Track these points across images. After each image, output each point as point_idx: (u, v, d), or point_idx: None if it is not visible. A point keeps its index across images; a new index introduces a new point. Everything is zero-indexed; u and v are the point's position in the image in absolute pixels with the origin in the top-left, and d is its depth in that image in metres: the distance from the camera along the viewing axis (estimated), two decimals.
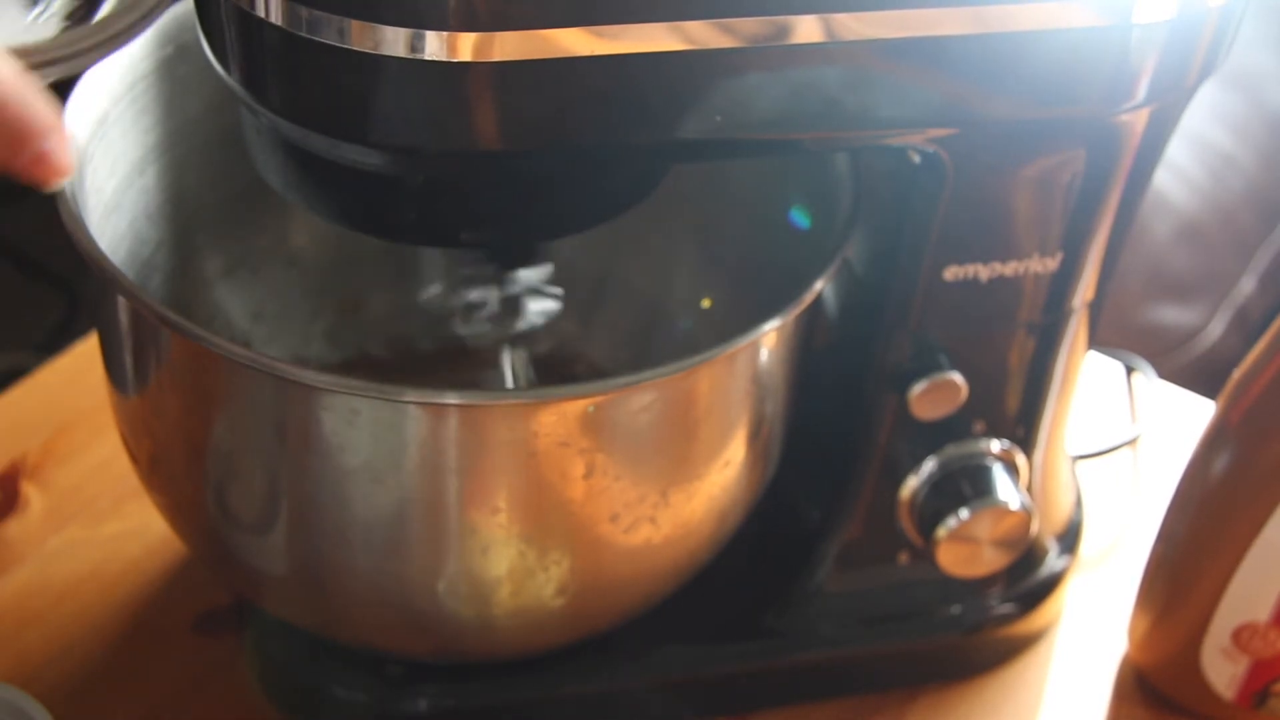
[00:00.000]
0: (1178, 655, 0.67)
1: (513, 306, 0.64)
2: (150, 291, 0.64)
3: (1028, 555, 0.68)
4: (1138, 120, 0.56)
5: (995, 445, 0.64)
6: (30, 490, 0.74)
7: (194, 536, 0.62)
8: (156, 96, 0.63)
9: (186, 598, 0.69)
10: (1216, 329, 1.18)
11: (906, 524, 0.65)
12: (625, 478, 0.55)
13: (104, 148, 0.60)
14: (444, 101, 0.48)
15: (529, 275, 0.62)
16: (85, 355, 0.80)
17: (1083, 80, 0.53)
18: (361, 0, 0.46)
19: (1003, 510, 0.62)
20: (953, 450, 0.63)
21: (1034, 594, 0.69)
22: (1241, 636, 0.65)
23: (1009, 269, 0.59)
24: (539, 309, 0.64)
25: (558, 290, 0.63)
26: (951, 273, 0.59)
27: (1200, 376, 1.13)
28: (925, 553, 0.64)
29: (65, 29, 0.48)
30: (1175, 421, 0.81)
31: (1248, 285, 1.21)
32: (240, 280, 0.70)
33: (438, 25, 0.46)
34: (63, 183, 0.47)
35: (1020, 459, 0.64)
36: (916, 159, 0.56)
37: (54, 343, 0.85)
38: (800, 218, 0.65)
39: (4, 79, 0.44)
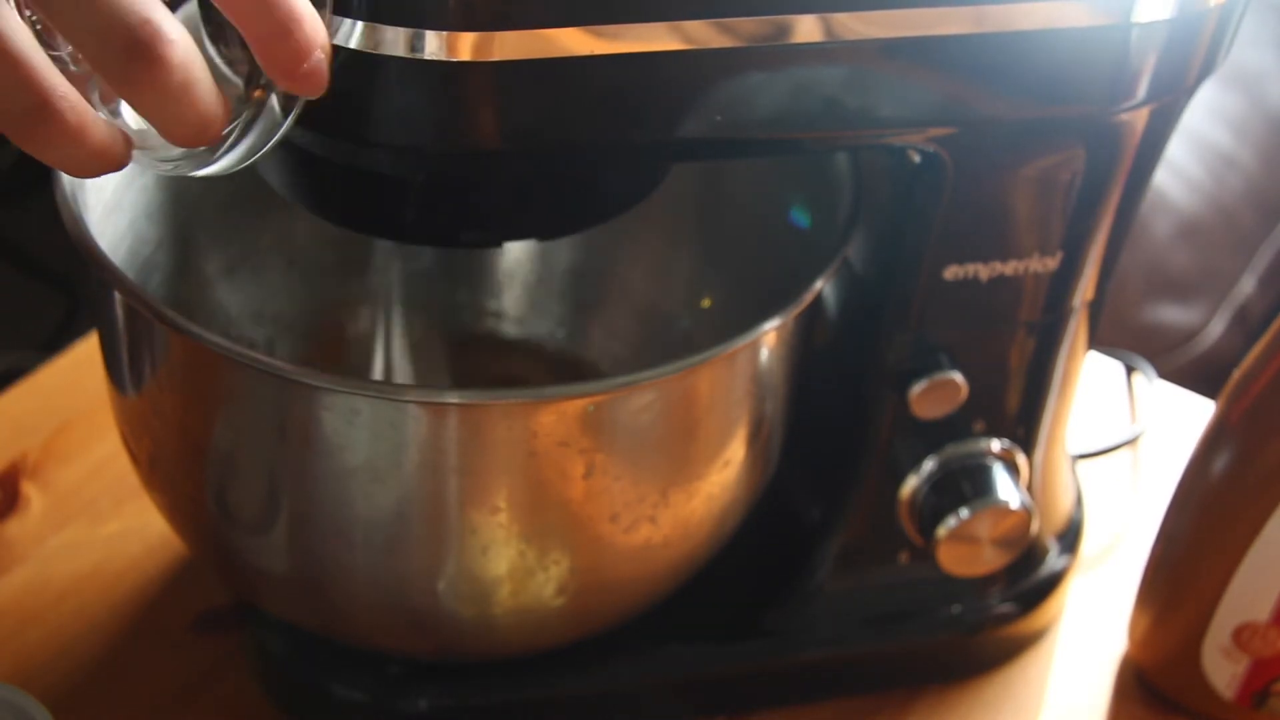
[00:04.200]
0: (1178, 655, 0.67)
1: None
2: (150, 291, 0.64)
3: (1028, 555, 0.68)
4: (1138, 120, 0.56)
5: (995, 445, 0.64)
6: (30, 490, 0.74)
7: (194, 536, 0.62)
8: None
9: (186, 597, 0.69)
10: (1216, 329, 1.18)
11: (907, 524, 0.65)
12: (625, 477, 0.55)
13: None
14: (444, 101, 0.48)
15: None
16: (85, 355, 0.80)
17: (1083, 80, 0.53)
18: (361, 0, 0.46)
19: (1003, 510, 0.62)
20: (953, 450, 0.63)
21: (1034, 593, 0.69)
22: (1242, 636, 0.65)
23: (1009, 268, 0.59)
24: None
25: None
26: (951, 272, 0.59)
27: (1200, 376, 1.13)
28: (925, 552, 0.64)
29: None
30: (1175, 421, 0.81)
31: (1248, 285, 1.21)
32: (240, 280, 0.70)
33: (438, 25, 0.46)
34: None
35: (1020, 458, 0.64)
36: (917, 159, 0.56)
37: (54, 343, 0.85)
38: (800, 218, 0.65)
39: None
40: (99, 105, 0.46)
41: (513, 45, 0.46)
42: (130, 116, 0.46)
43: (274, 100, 0.45)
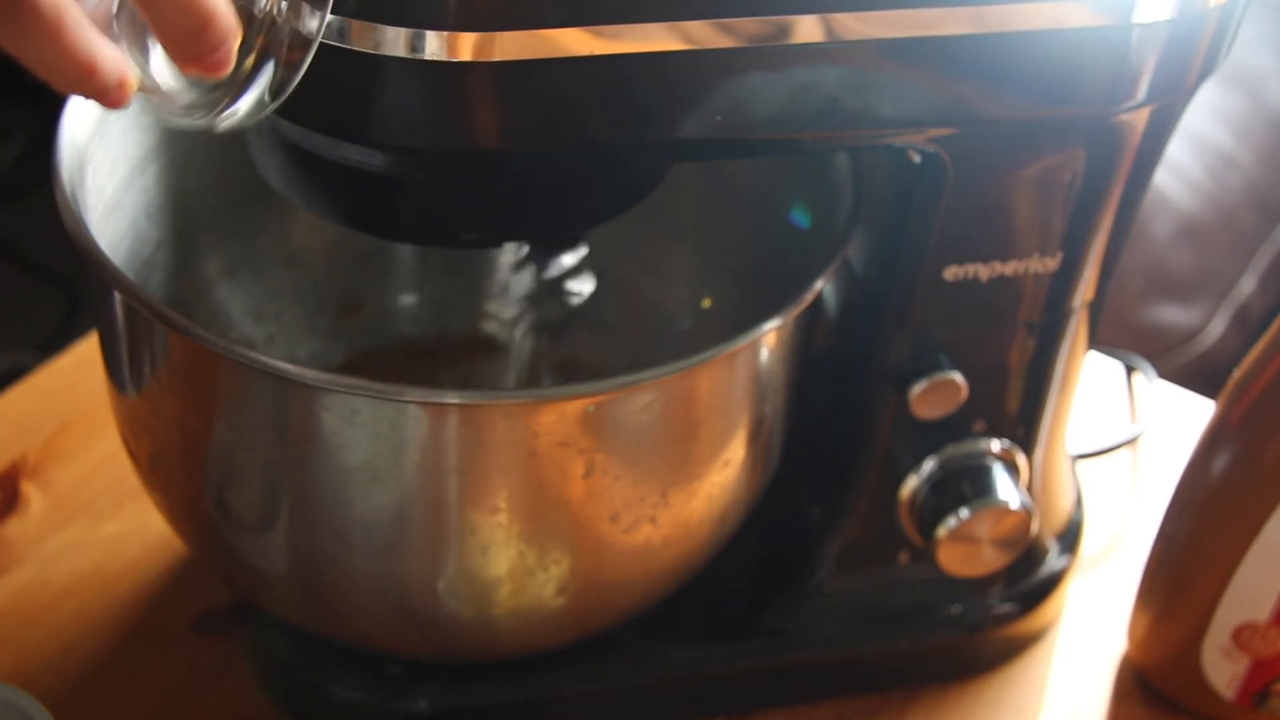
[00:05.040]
0: (1178, 655, 0.67)
1: (550, 290, 0.64)
2: (150, 291, 0.64)
3: (1028, 555, 0.68)
4: (1138, 120, 0.56)
5: (995, 445, 0.64)
6: (30, 490, 0.74)
7: (194, 536, 0.62)
8: None
9: (186, 598, 0.69)
10: (1216, 329, 1.18)
11: (907, 524, 0.65)
12: (625, 477, 0.55)
13: (104, 147, 0.60)
14: (444, 101, 0.48)
15: (566, 260, 0.63)
16: (85, 355, 0.80)
17: (1083, 80, 0.53)
18: (361, 0, 0.46)
19: (1003, 510, 0.62)
20: (953, 450, 0.63)
21: (1034, 593, 0.69)
22: (1242, 636, 0.65)
23: (1009, 269, 0.59)
24: (575, 290, 0.64)
25: (589, 277, 0.64)
26: (952, 272, 0.59)
27: (1200, 376, 1.13)
28: (925, 552, 0.64)
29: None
30: (1175, 421, 0.81)
31: (1248, 285, 1.21)
32: (240, 280, 0.70)
33: (438, 25, 0.46)
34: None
35: (1020, 458, 0.64)
36: (917, 159, 0.56)
37: (54, 343, 0.85)
38: (800, 218, 0.65)
39: None
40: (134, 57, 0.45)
41: (513, 45, 0.46)
42: (156, 69, 0.46)
43: (272, 58, 0.45)
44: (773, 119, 0.51)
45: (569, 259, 0.63)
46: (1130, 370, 0.84)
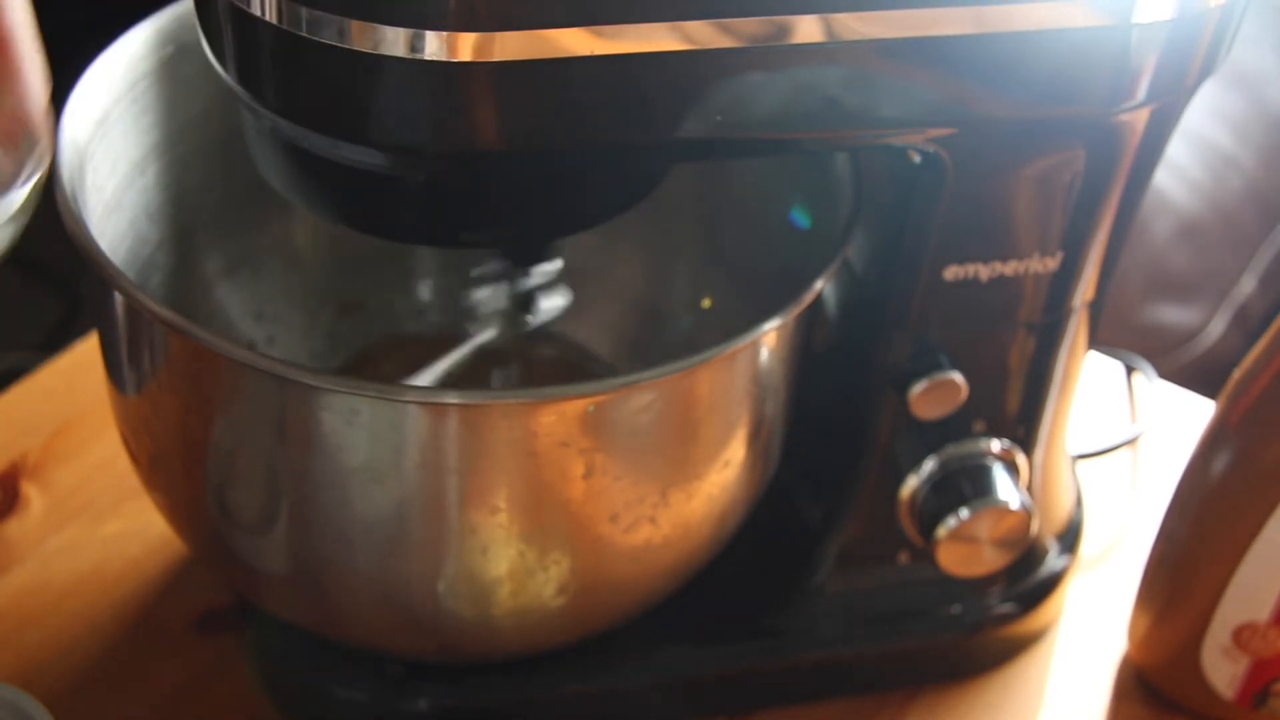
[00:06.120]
0: (1178, 655, 0.67)
1: (524, 303, 0.64)
2: (150, 291, 0.64)
3: (1028, 555, 0.68)
4: (1138, 120, 0.56)
5: (995, 445, 0.64)
6: (30, 490, 0.74)
7: (194, 536, 0.62)
8: (157, 96, 0.63)
9: (187, 598, 0.69)
10: (1216, 329, 1.18)
11: (906, 524, 0.65)
12: (625, 478, 0.55)
13: (104, 147, 0.60)
14: (444, 101, 0.48)
15: (540, 271, 0.63)
16: (85, 355, 0.80)
17: (1083, 80, 0.53)
18: (361, 0, 0.46)
19: (1003, 510, 0.62)
20: (953, 450, 0.63)
21: (1034, 593, 0.69)
22: (1242, 636, 0.65)
23: (1009, 269, 0.59)
24: (549, 305, 0.64)
25: (566, 287, 0.64)
26: (951, 272, 0.59)
27: (1200, 376, 1.13)
28: (925, 552, 0.64)
29: None
30: (1175, 421, 0.81)
31: (1248, 285, 1.21)
32: (240, 280, 0.70)
33: (438, 25, 0.46)
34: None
35: (1020, 458, 0.64)
36: (917, 159, 0.56)
37: (54, 343, 0.85)
38: (800, 218, 0.65)
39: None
40: None
41: (513, 46, 0.46)
42: None
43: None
44: (773, 119, 0.51)
45: (541, 274, 0.63)
46: (1130, 370, 0.84)
